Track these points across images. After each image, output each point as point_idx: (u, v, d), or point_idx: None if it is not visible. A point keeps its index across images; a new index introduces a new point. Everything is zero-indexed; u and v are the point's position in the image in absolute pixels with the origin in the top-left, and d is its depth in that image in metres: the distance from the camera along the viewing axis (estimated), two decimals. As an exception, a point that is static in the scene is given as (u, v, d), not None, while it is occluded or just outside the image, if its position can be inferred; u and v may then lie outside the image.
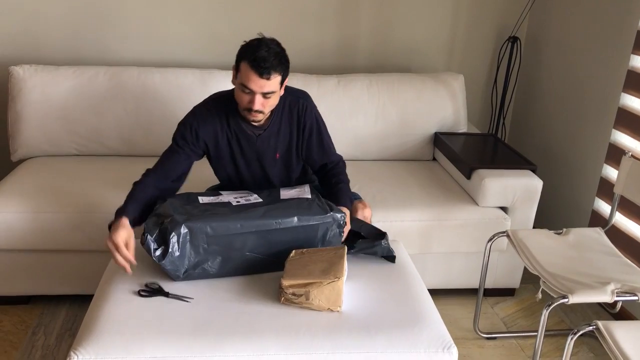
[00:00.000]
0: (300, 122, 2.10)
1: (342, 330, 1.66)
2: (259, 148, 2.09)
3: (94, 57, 3.07)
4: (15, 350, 2.26)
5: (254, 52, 1.84)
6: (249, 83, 1.86)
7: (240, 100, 1.93)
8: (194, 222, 1.79)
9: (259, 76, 1.84)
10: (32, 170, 2.63)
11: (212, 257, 1.83)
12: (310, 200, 1.96)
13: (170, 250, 1.76)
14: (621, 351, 1.68)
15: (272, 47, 1.87)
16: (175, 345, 1.58)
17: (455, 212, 2.53)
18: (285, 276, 1.74)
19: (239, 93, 1.92)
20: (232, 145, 2.08)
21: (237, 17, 3.12)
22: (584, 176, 2.91)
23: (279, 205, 1.91)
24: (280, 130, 2.09)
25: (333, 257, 1.81)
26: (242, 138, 2.07)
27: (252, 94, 1.89)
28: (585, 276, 2.04)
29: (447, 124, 3.03)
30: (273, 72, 1.85)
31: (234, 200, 1.95)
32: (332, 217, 1.91)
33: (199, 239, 1.80)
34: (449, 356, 1.64)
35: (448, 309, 2.65)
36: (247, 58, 1.85)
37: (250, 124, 2.03)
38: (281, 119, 2.08)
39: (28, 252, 2.38)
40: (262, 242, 1.87)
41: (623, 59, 2.64)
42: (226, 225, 1.81)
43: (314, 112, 2.12)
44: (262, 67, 1.83)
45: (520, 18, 3.28)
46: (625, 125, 2.59)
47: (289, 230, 1.87)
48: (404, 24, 3.27)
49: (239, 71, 1.89)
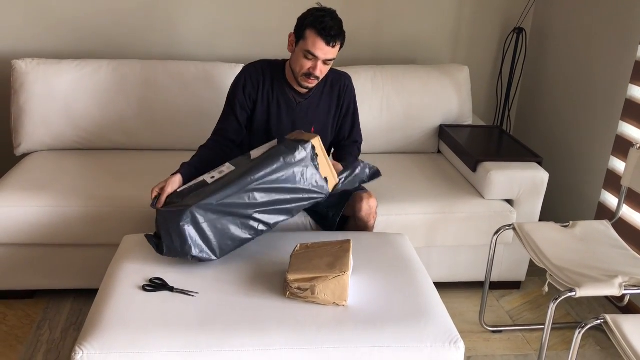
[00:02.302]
0: (341, 99, 2.24)
1: (347, 324, 1.65)
2: (297, 116, 2.20)
3: (97, 51, 3.06)
4: (21, 345, 2.26)
5: (322, 20, 1.97)
6: (315, 50, 1.98)
7: (302, 66, 2.04)
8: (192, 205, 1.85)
9: (326, 44, 1.97)
10: (35, 164, 2.62)
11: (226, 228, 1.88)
12: (277, 146, 1.95)
13: (189, 241, 1.82)
14: (629, 345, 1.67)
15: (335, 17, 2.01)
16: (180, 340, 1.58)
17: (461, 205, 2.52)
18: (291, 270, 1.73)
19: (299, 59, 2.03)
20: (271, 108, 2.19)
21: (241, 10, 3.10)
22: (591, 168, 2.89)
23: (252, 165, 1.91)
24: (320, 104, 2.21)
25: (338, 251, 1.81)
26: (283, 102, 2.19)
27: (315, 60, 2.01)
28: (592, 269, 2.03)
29: (453, 116, 3.01)
30: (337, 40, 2.00)
31: (209, 178, 1.97)
32: (297, 151, 1.89)
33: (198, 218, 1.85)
34: (456, 350, 1.63)
35: (454, 302, 2.64)
36: (315, 26, 1.97)
37: (293, 90, 2.17)
38: (322, 93, 2.21)
39: (32, 247, 2.38)
40: (255, 202, 1.88)
41: (630, 50, 2.61)
42: (204, 205, 1.84)
43: (353, 92, 2.28)
44: (330, 35, 1.96)
45: (525, 9, 3.25)
46: (633, 117, 2.57)
47: (267, 182, 1.88)
48: (409, 16, 3.24)
49: (304, 38, 2.00)
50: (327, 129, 2.27)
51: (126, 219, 2.33)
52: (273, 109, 2.20)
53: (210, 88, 2.79)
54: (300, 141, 1.92)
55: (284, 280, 1.74)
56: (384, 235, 2.19)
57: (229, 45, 3.13)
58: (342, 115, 2.29)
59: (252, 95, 2.18)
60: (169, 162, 2.69)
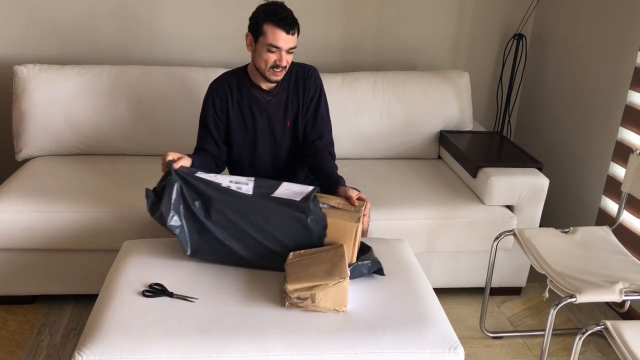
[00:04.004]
0: (306, 86, 2.26)
1: (347, 330, 1.65)
2: (270, 113, 2.24)
3: (98, 57, 3.07)
4: (21, 350, 2.26)
5: (276, 12, 2.04)
6: (277, 41, 2.04)
7: (266, 61, 2.08)
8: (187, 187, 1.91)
9: (286, 33, 2.03)
10: (36, 170, 2.63)
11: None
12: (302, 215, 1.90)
13: (164, 198, 1.85)
14: (630, 351, 1.66)
15: (285, 7, 2.08)
16: (180, 346, 1.57)
17: (461, 211, 2.52)
18: (289, 280, 1.70)
19: (263, 54, 2.08)
20: (244, 113, 2.24)
21: (241, 15, 3.09)
22: (591, 174, 2.89)
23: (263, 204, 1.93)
24: (289, 98, 2.25)
25: (333, 257, 1.79)
26: (254, 104, 2.23)
27: (280, 51, 2.06)
28: (592, 275, 2.03)
29: (453, 122, 3.01)
30: (295, 27, 2.06)
31: (228, 181, 1.99)
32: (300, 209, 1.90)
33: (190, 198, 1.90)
34: (456, 356, 1.63)
35: (454, 308, 2.64)
36: (271, 19, 2.03)
37: (260, 90, 2.21)
38: (289, 87, 2.25)
39: (33, 252, 2.38)
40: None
41: (630, 56, 2.61)
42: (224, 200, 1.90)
43: (318, 80, 2.29)
44: (288, 23, 2.03)
45: (525, 15, 3.26)
46: (633, 123, 2.57)
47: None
48: (410, 22, 3.25)
49: (263, 34, 2.05)
50: (297, 121, 2.28)
51: (127, 224, 2.34)
52: (246, 113, 2.23)
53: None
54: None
55: (282, 291, 1.72)
56: (384, 240, 2.18)
57: (229, 51, 3.14)
58: (308, 101, 2.27)
59: (223, 108, 2.23)
60: (169, 167, 2.71)
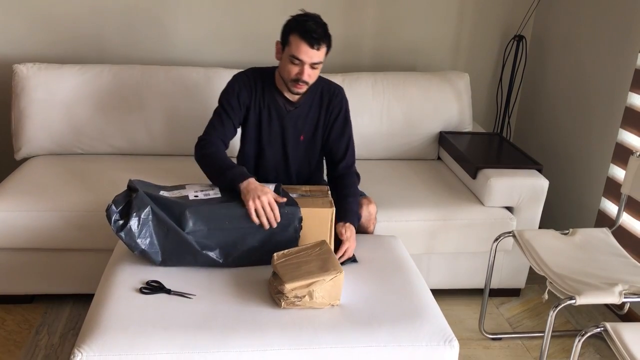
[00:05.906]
0: (330, 104, 2.20)
1: (344, 324, 1.67)
2: (287, 124, 2.19)
3: (98, 56, 3.07)
4: (19, 350, 2.25)
5: (304, 24, 1.99)
6: (300, 54, 1.98)
7: (289, 72, 2.03)
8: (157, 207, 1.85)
9: (310, 47, 1.97)
10: (35, 169, 2.62)
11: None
12: None
13: (129, 224, 1.80)
14: (629, 353, 1.66)
15: (318, 21, 2.03)
16: (178, 342, 1.58)
17: (461, 212, 2.51)
18: (286, 280, 1.69)
19: (287, 65, 2.03)
20: (262, 115, 2.19)
21: (241, 15, 3.11)
22: (591, 176, 2.89)
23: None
24: (310, 113, 2.20)
25: (322, 253, 1.80)
26: (273, 109, 2.18)
27: (302, 65, 2.00)
28: (592, 277, 2.02)
29: (452, 123, 3.01)
30: (322, 43, 1.99)
31: (193, 194, 1.96)
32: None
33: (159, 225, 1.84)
34: (451, 349, 1.65)
35: (453, 309, 2.64)
36: (298, 30, 1.98)
37: (283, 98, 2.16)
38: (312, 102, 2.20)
39: (31, 251, 2.38)
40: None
41: (630, 58, 2.61)
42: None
43: (344, 100, 2.23)
44: (313, 37, 1.97)
45: (525, 16, 3.26)
46: (633, 125, 2.57)
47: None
48: (410, 23, 3.25)
49: (288, 44, 2.01)
50: (315, 138, 2.24)
51: (126, 223, 2.33)
52: (264, 116, 2.19)
53: (211, 93, 2.79)
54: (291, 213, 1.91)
55: (277, 292, 1.71)
56: (377, 237, 2.21)
57: (230, 51, 3.14)
58: (331, 120, 2.21)
59: (245, 103, 2.18)
60: (169, 167, 2.70)
